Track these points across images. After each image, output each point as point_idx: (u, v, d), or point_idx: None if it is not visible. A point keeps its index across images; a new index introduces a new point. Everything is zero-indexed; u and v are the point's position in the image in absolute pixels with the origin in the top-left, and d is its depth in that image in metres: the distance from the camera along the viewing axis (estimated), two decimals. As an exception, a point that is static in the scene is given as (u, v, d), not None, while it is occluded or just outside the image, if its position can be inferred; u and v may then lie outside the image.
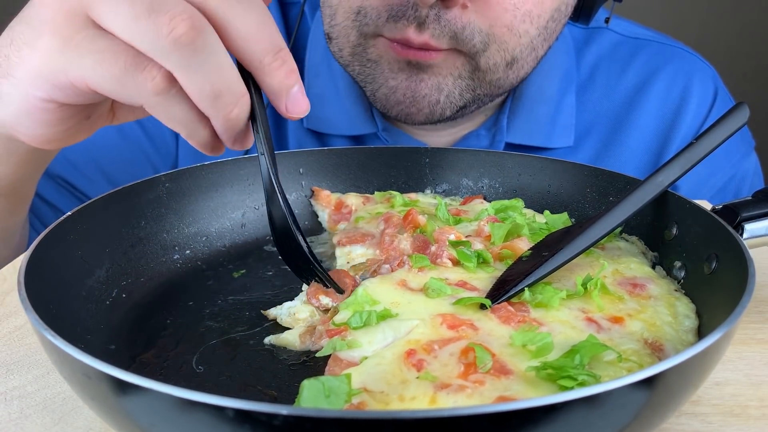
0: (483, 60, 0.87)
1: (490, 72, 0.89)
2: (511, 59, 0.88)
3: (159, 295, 0.65)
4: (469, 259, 0.63)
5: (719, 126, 0.64)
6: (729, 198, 1.09)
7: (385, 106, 0.93)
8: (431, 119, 0.93)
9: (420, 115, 0.92)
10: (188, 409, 0.34)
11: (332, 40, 0.93)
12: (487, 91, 0.93)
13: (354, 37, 0.88)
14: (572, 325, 0.53)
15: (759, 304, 0.64)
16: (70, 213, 0.60)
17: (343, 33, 0.89)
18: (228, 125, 0.54)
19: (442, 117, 0.93)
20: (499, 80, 0.91)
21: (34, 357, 0.57)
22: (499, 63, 0.88)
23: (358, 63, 0.91)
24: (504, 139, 1.05)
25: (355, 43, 0.89)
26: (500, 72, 0.89)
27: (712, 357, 0.42)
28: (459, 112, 0.94)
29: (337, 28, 0.90)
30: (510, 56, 0.88)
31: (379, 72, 0.90)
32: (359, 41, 0.88)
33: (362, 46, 0.89)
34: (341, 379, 0.44)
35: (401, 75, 0.89)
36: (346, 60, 0.93)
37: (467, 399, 0.43)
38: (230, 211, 0.78)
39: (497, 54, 0.86)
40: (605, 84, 1.12)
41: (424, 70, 0.87)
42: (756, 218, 0.59)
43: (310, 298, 0.60)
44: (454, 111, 0.93)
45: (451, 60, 0.87)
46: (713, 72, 1.14)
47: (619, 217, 0.61)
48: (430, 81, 0.88)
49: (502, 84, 0.92)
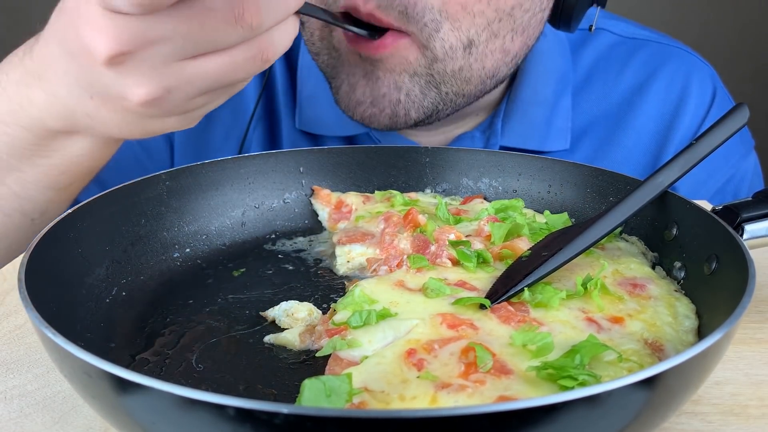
0: (438, 44, 0.83)
1: (449, 59, 0.84)
2: (467, 41, 0.84)
3: (159, 294, 0.65)
4: (469, 259, 0.63)
5: (719, 126, 0.64)
6: (728, 198, 1.09)
7: (348, 105, 0.90)
8: (396, 122, 0.89)
9: (383, 116, 0.88)
10: (189, 407, 0.34)
11: (304, 25, 0.91)
12: (456, 89, 0.89)
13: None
14: (572, 325, 0.53)
15: (759, 304, 0.64)
16: (70, 211, 0.60)
17: None
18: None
19: (408, 120, 0.89)
20: (461, 71, 0.86)
21: (34, 356, 0.57)
22: (455, 45, 0.83)
23: (326, 51, 0.90)
24: (498, 142, 1.05)
25: (322, 24, 0.88)
26: (459, 58, 0.85)
27: (713, 357, 0.42)
28: (431, 117, 0.91)
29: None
30: (465, 38, 0.83)
31: (341, 63, 0.88)
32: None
33: (328, 28, 0.87)
34: (342, 378, 0.44)
35: (358, 71, 0.87)
36: (316, 47, 0.91)
37: (468, 398, 0.43)
38: (230, 209, 0.78)
39: (451, 34, 0.82)
40: (602, 85, 1.11)
41: (377, 66, 0.85)
42: (756, 219, 0.59)
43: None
44: (420, 113, 0.89)
45: (403, 53, 0.83)
46: (712, 71, 1.14)
47: (619, 218, 0.61)
48: (387, 79, 0.86)
49: (468, 77, 0.88)
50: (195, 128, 1.10)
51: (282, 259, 0.73)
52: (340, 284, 0.67)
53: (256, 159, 0.81)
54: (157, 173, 0.72)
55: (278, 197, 0.82)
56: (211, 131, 1.10)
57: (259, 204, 0.80)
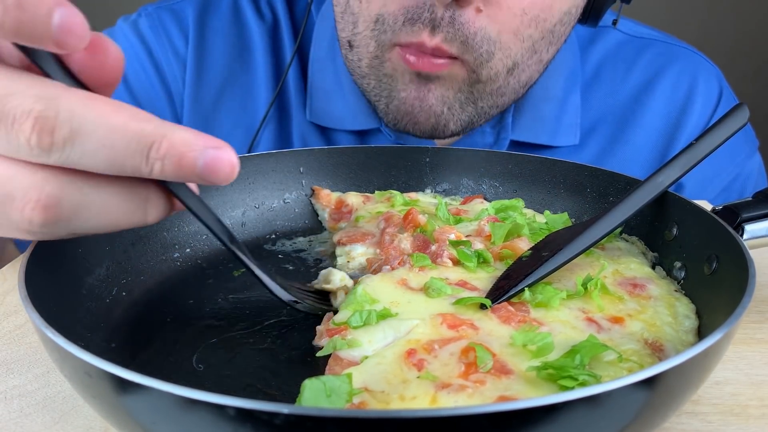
0: (485, 72, 0.87)
1: (491, 82, 0.89)
2: (512, 65, 0.88)
3: (159, 294, 0.65)
4: (469, 259, 0.63)
5: (719, 127, 0.64)
6: (733, 198, 1.09)
7: (396, 117, 0.94)
8: (436, 130, 0.93)
9: (427, 124, 0.92)
10: (189, 407, 0.34)
11: (353, 48, 0.93)
12: (491, 102, 0.93)
13: (372, 48, 0.89)
14: (572, 325, 0.53)
15: (759, 303, 0.64)
16: (71, 211, 0.60)
17: (364, 43, 0.90)
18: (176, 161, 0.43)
19: (446, 130, 0.93)
20: (500, 89, 0.91)
21: (34, 356, 0.57)
22: (500, 71, 0.88)
23: (374, 77, 0.92)
24: (509, 136, 1.06)
25: (372, 55, 0.90)
26: (500, 80, 0.90)
27: (713, 357, 0.42)
28: (468, 128, 0.95)
29: (359, 37, 0.90)
30: (512, 62, 0.88)
31: (393, 86, 0.91)
32: (377, 53, 0.89)
33: (379, 59, 0.90)
34: (342, 378, 0.44)
35: (411, 87, 0.90)
36: (363, 71, 0.93)
37: (468, 399, 0.43)
38: (230, 209, 0.78)
39: (500, 62, 0.87)
40: (610, 83, 1.12)
41: (432, 80, 0.88)
42: (756, 219, 0.59)
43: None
44: (458, 126, 0.93)
45: (455, 72, 0.87)
46: (718, 72, 1.15)
47: (619, 218, 0.61)
48: (437, 92, 0.89)
49: (504, 92, 0.93)
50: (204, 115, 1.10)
51: (282, 259, 0.73)
52: (340, 284, 0.67)
53: (256, 159, 0.81)
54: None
55: (278, 197, 0.82)
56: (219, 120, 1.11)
57: (259, 204, 0.80)
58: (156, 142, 0.42)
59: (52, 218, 0.43)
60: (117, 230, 0.47)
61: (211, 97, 1.11)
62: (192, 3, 1.13)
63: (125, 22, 1.14)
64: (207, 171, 0.43)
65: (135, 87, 1.10)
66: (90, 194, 0.44)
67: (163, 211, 0.48)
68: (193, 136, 0.43)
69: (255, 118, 1.11)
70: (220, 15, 1.13)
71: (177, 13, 1.12)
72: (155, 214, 0.48)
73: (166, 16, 1.12)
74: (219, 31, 1.12)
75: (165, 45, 1.11)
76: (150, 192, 0.47)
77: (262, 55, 1.12)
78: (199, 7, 1.13)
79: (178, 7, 1.13)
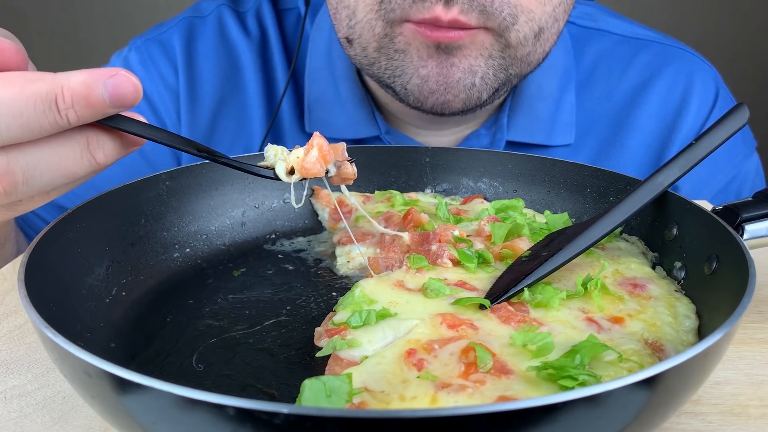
0: (513, 35, 0.85)
1: (521, 46, 0.87)
2: (538, 29, 0.87)
3: (159, 294, 0.65)
4: (470, 260, 0.63)
5: (719, 127, 0.64)
6: (731, 198, 1.09)
7: (419, 98, 0.90)
8: (468, 105, 0.90)
9: (457, 101, 0.89)
10: (189, 407, 0.34)
11: (353, 42, 0.91)
12: (519, 70, 0.91)
13: (380, 29, 0.86)
14: (572, 325, 0.53)
15: (759, 303, 0.64)
16: (70, 211, 0.60)
17: (367, 27, 0.87)
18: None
19: (480, 101, 0.90)
20: (528, 55, 0.89)
21: (34, 356, 0.57)
22: (528, 35, 0.86)
23: (385, 57, 0.89)
24: (504, 137, 1.05)
25: (381, 35, 0.87)
26: (530, 45, 0.88)
27: (713, 357, 0.42)
28: (494, 95, 0.92)
29: (359, 26, 0.88)
30: (537, 26, 0.86)
31: (408, 61, 0.87)
32: (386, 31, 0.86)
33: (389, 36, 0.87)
34: (342, 378, 0.44)
35: (431, 62, 0.86)
36: (371, 58, 0.90)
37: (468, 399, 0.43)
38: (230, 209, 0.78)
39: (526, 25, 0.85)
40: (606, 84, 1.12)
41: (454, 53, 0.85)
42: (756, 219, 0.59)
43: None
44: (490, 93, 0.90)
45: (480, 39, 0.84)
46: (714, 72, 1.14)
47: (619, 218, 0.61)
48: (462, 64, 0.86)
49: (531, 60, 0.91)
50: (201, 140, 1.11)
51: (282, 259, 0.73)
52: (340, 284, 0.67)
53: (257, 159, 0.80)
54: (157, 173, 0.72)
55: (278, 197, 0.82)
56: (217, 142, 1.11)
57: (259, 204, 0.80)
58: (57, 95, 0.46)
59: (11, 185, 0.48)
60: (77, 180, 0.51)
61: (206, 120, 1.12)
62: (178, 30, 1.14)
63: (118, 57, 1.15)
64: (116, 98, 0.47)
65: None
66: (34, 154, 0.48)
67: (111, 149, 0.51)
68: (87, 75, 0.46)
69: (251, 136, 1.11)
70: (206, 38, 1.13)
71: (164, 44, 1.13)
72: (103, 155, 0.51)
73: (154, 48, 1.12)
74: (207, 55, 1.13)
75: (155, 78, 1.12)
76: (89, 135, 0.50)
77: (253, 72, 1.12)
78: (185, 33, 1.13)
79: (165, 37, 1.13)
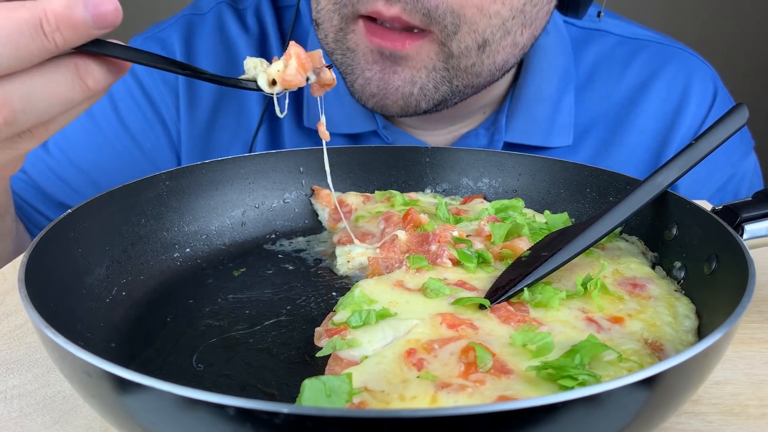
0: (455, 44, 0.86)
1: (464, 57, 0.88)
2: (482, 41, 0.87)
3: (159, 294, 0.65)
4: (469, 259, 0.63)
5: (719, 127, 0.64)
6: (728, 198, 1.09)
7: (361, 97, 0.93)
8: (406, 111, 0.93)
9: (394, 106, 0.92)
10: (189, 407, 0.34)
11: (319, 26, 0.93)
12: (466, 82, 0.92)
13: (336, 21, 0.89)
14: (572, 325, 0.53)
15: (759, 303, 0.64)
16: (70, 211, 0.60)
17: (327, 18, 0.90)
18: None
19: (418, 110, 0.92)
20: (474, 66, 0.90)
21: (34, 356, 0.57)
22: (470, 46, 0.87)
23: (339, 51, 0.92)
24: (503, 138, 1.06)
25: (337, 28, 0.90)
26: (473, 56, 0.88)
27: (713, 357, 0.42)
28: (440, 106, 0.94)
29: (322, 13, 0.91)
30: (481, 38, 0.87)
31: (356, 62, 0.90)
32: (341, 26, 0.89)
33: (343, 31, 0.89)
34: (342, 378, 0.44)
35: (376, 67, 0.89)
36: (330, 47, 0.93)
37: (468, 398, 0.43)
38: (230, 209, 0.78)
39: (468, 36, 0.86)
40: (605, 84, 1.12)
41: (398, 62, 0.87)
42: (756, 219, 0.59)
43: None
44: (430, 104, 0.92)
45: (425, 50, 0.86)
46: (713, 72, 1.14)
47: (619, 217, 0.61)
48: (404, 74, 0.88)
49: (479, 71, 0.91)
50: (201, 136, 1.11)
51: (282, 259, 0.73)
52: (340, 284, 0.67)
53: (256, 159, 0.81)
54: (157, 173, 0.72)
55: (278, 197, 0.82)
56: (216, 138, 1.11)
57: (259, 204, 0.80)
58: (42, 18, 0.48)
59: (11, 113, 0.51)
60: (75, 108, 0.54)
61: (206, 117, 1.12)
62: (177, 27, 1.14)
63: None
64: (98, 19, 0.49)
65: (129, 121, 1.11)
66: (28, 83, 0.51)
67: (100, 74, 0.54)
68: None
69: (250, 133, 1.12)
70: (205, 35, 1.14)
71: (163, 41, 1.13)
72: (93, 80, 0.53)
73: (153, 46, 1.13)
74: (206, 52, 1.13)
75: (155, 76, 1.12)
76: (77, 61, 0.52)
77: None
78: (184, 30, 1.14)
79: (164, 35, 1.14)
